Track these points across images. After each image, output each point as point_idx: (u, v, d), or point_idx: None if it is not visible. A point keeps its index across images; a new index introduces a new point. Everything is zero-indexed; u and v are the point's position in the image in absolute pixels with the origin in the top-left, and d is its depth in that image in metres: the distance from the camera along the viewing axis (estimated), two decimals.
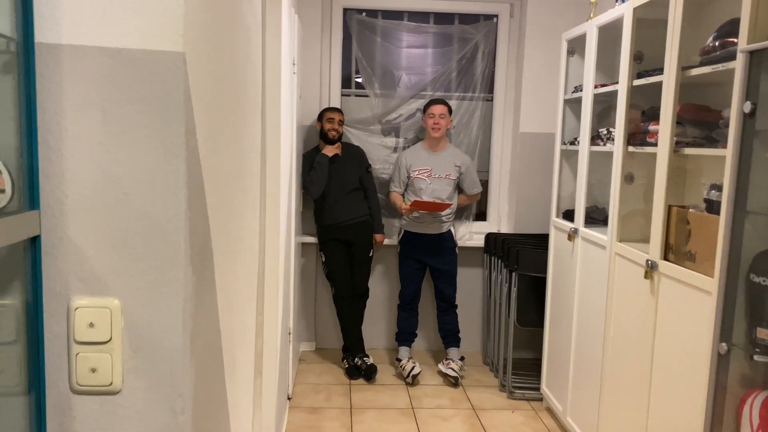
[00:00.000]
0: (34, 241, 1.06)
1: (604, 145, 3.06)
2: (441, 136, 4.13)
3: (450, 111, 4.18)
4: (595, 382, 3.00)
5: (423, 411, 3.72)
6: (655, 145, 2.53)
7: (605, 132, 3.06)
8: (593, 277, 3.07)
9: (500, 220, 4.66)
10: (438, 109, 4.10)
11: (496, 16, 4.53)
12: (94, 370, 1.09)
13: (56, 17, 1.06)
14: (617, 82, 3.12)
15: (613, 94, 3.11)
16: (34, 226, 1.05)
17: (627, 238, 2.83)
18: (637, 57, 2.77)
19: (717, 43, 2.19)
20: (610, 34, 3.25)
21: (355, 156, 4.29)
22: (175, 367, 1.12)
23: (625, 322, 2.72)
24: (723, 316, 1.99)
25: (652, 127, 2.60)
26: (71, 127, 1.07)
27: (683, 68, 2.33)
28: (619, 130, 2.81)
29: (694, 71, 2.28)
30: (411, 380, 4.01)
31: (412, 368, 4.02)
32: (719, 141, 2.33)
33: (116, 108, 1.07)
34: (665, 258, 2.41)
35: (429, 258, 4.19)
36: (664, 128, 2.40)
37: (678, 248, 2.35)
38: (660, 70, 2.61)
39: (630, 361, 2.66)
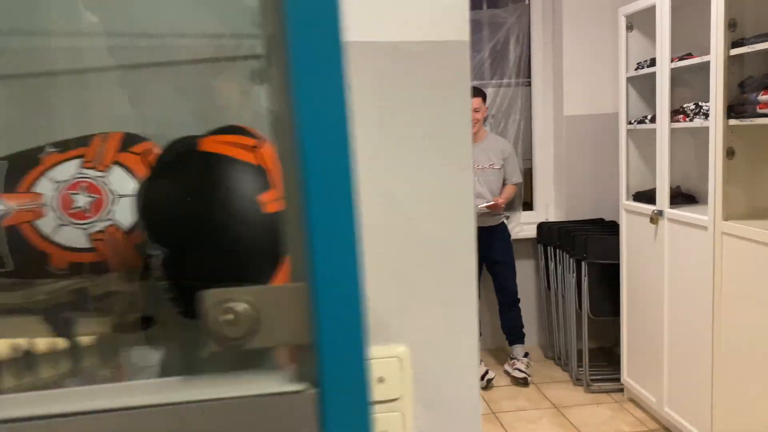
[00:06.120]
0: None
1: (691, 120, 2.92)
2: (479, 129, 3.96)
3: (485, 99, 4.01)
4: (704, 371, 2.85)
5: (506, 415, 3.56)
6: None
7: (692, 107, 2.92)
8: (689, 260, 2.93)
9: (547, 208, 4.50)
10: (474, 102, 3.93)
11: None
12: None
13: None
14: (690, 55, 3.00)
15: (692, 68, 2.98)
16: None
17: (730, 216, 2.70)
18: (731, 24, 2.63)
19: None
20: (678, 4, 3.12)
21: None
22: (472, 420, 0.94)
23: (746, 307, 2.59)
24: None
25: (762, 97, 2.47)
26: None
27: None
28: (715, 104, 2.67)
29: None
30: (485, 384, 3.83)
31: (486, 371, 3.84)
32: None
33: (394, 114, 0.88)
34: None
35: (486, 251, 4.01)
36: None
37: None
38: (764, 36, 2.49)
39: (757, 348, 2.53)
